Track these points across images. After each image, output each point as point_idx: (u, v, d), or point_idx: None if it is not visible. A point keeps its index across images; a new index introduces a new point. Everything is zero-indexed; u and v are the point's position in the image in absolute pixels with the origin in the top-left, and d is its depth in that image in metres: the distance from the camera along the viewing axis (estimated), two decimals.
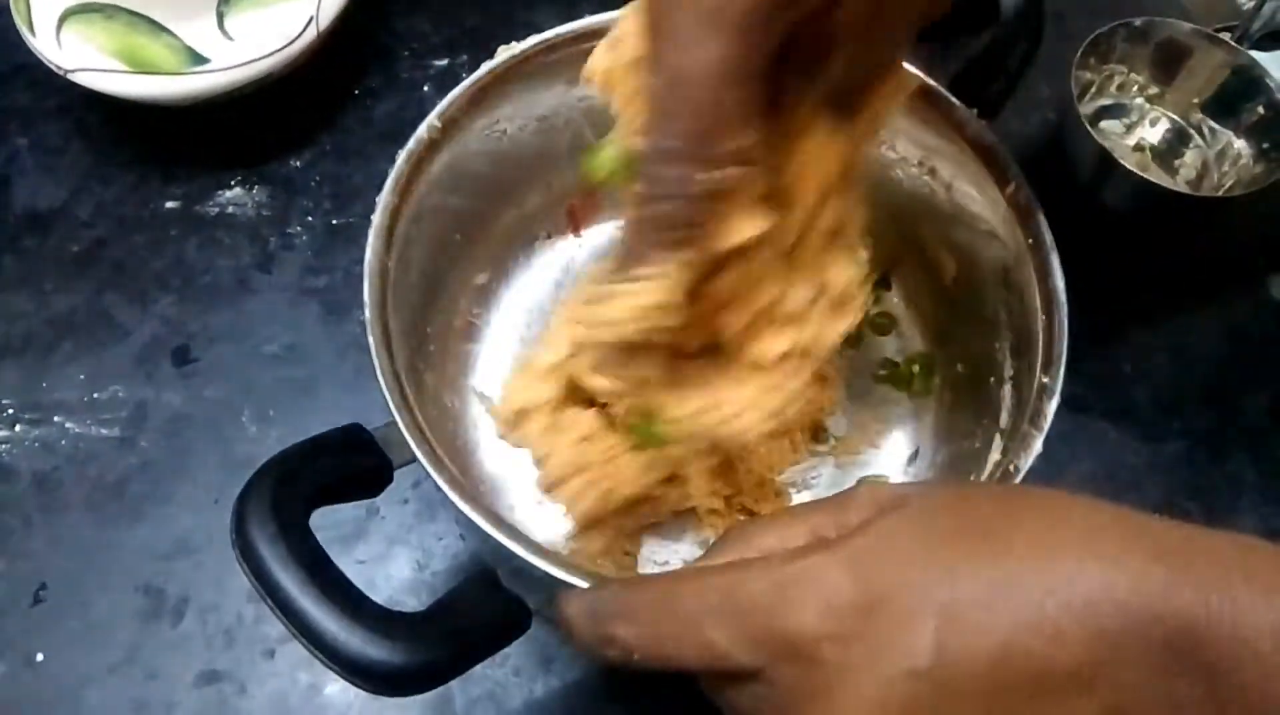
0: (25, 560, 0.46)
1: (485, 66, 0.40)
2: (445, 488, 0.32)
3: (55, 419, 0.49)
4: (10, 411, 0.49)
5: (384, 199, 0.37)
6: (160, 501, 0.47)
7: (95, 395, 0.49)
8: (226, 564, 0.45)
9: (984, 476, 0.37)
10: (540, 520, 0.43)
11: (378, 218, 0.37)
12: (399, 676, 0.28)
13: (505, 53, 0.40)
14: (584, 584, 0.30)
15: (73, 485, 0.47)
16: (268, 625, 0.44)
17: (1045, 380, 0.36)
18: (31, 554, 0.46)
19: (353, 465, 0.33)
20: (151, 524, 0.47)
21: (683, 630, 0.25)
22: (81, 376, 0.50)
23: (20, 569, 0.45)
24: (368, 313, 0.35)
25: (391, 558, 0.46)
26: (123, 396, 0.49)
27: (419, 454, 0.32)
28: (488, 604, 0.31)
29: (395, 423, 0.33)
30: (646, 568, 0.43)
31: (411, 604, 0.45)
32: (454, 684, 0.43)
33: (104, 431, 0.49)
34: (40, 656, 0.44)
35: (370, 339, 0.35)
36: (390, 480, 0.34)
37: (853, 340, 0.47)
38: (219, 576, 0.45)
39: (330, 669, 0.28)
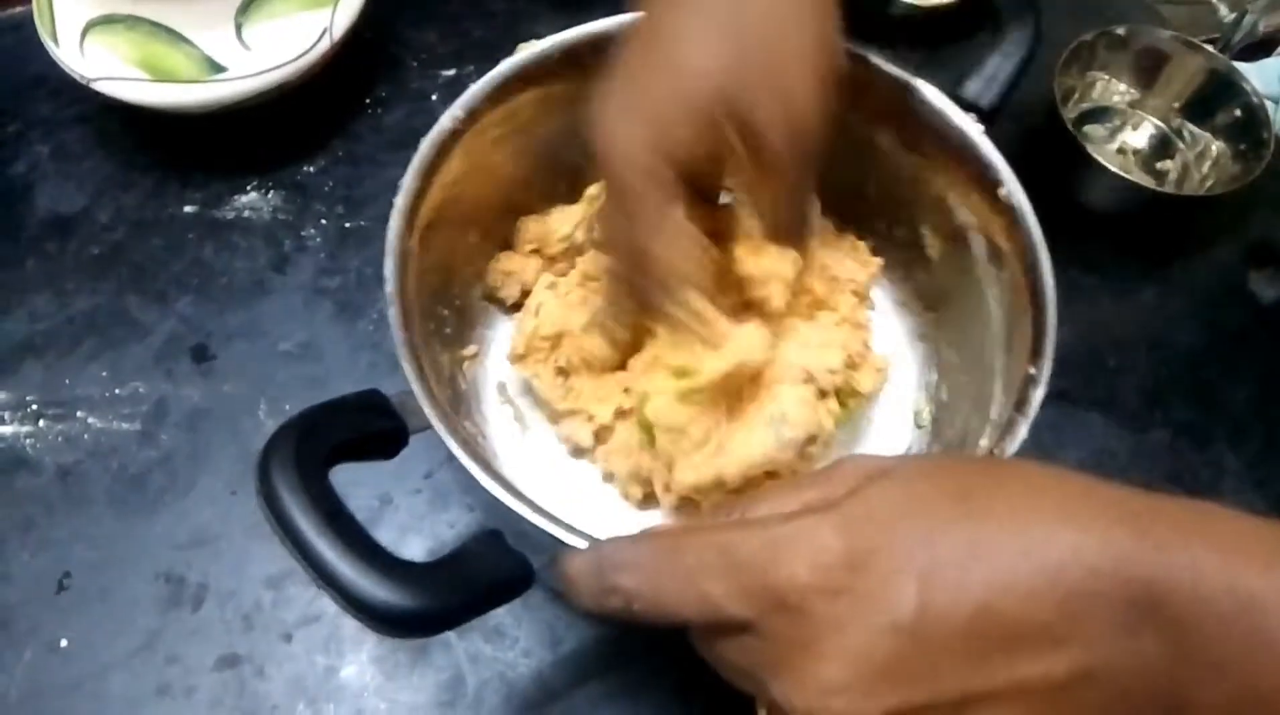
0: (50, 550, 0.47)
1: (506, 63, 0.42)
2: (456, 449, 0.34)
3: (78, 414, 0.50)
4: (34, 407, 0.50)
5: (407, 183, 0.40)
6: (180, 493, 0.49)
7: (116, 391, 0.51)
8: (244, 551, 0.47)
9: None
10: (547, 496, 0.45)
11: (400, 199, 0.39)
12: (406, 619, 0.29)
13: (526, 49, 0.42)
14: (584, 545, 0.31)
15: (95, 478, 0.49)
16: (285, 610, 0.46)
17: (1032, 371, 0.38)
18: (56, 544, 0.47)
19: (371, 426, 0.35)
20: (171, 514, 0.48)
21: (681, 582, 0.27)
22: (103, 373, 0.51)
23: (45, 558, 0.47)
24: (389, 287, 0.37)
25: (404, 545, 0.47)
26: (143, 392, 0.51)
27: (432, 418, 0.34)
28: (494, 560, 0.32)
29: (412, 392, 0.35)
30: None
31: None
32: (465, 665, 0.45)
33: (125, 426, 0.50)
34: (64, 643, 0.45)
35: (390, 312, 0.37)
36: (405, 443, 0.36)
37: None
38: (237, 564, 0.47)
39: (344, 609, 0.29)
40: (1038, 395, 0.37)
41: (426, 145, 0.40)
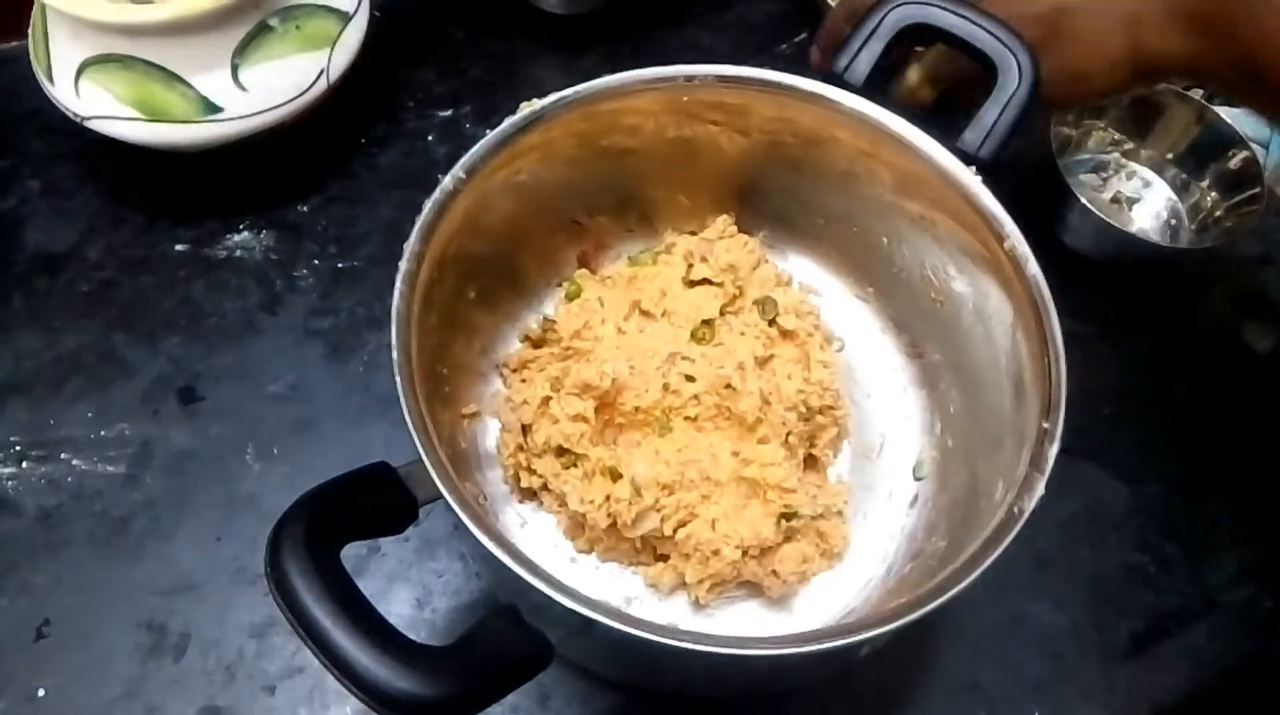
0: (29, 596, 0.46)
1: (508, 121, 0.42)
2: (470, 525, 0.33)
3: (62, 456, 0.50)
4: (17, 448, 0.50)
5: (411, 246, 0.39)
6: (163, 538, 0.48)
7: (102, 432, 0.50)
8: (228, 600, 0.46)
9: (991, 519, 0.38)
10: (553, 563, 0.44)
11: (405, 264, 0.38)
12: (426, 708, 0.28)
13: (527, 108, 0.42)
14: (605, 620, 0.30)
15: (77, 521, 0.48)
16: (268, 661, 0.45)
17: (1046, 426, 0.37)
18: (35, 589, 0.46)
19: (380, 502, 0.34)
20: (154, 560, 0.47)
21: None
22: (89, 414, 0.51)
23: (23, 604, 0.46)
24: (395, 356, 0.36)
25: (392, 595, 0.47)
26: (129, 434, 0.50)
27: (445, 492, 0.33)
28: (511, 639, 0.32)
29: (421, 462, 0.34)
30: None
31: None
32: None
33: (109, 468, 0.49)
34: (41, 692, 0.44)
35: (398, 380, 0.36)
36: (415, 517, 0.35)
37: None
38: (220, 613, 0.46)
39: (362, 701, 0.28)
40: (1052, 451, 0.37)
41: (429, 208, 0.40)
